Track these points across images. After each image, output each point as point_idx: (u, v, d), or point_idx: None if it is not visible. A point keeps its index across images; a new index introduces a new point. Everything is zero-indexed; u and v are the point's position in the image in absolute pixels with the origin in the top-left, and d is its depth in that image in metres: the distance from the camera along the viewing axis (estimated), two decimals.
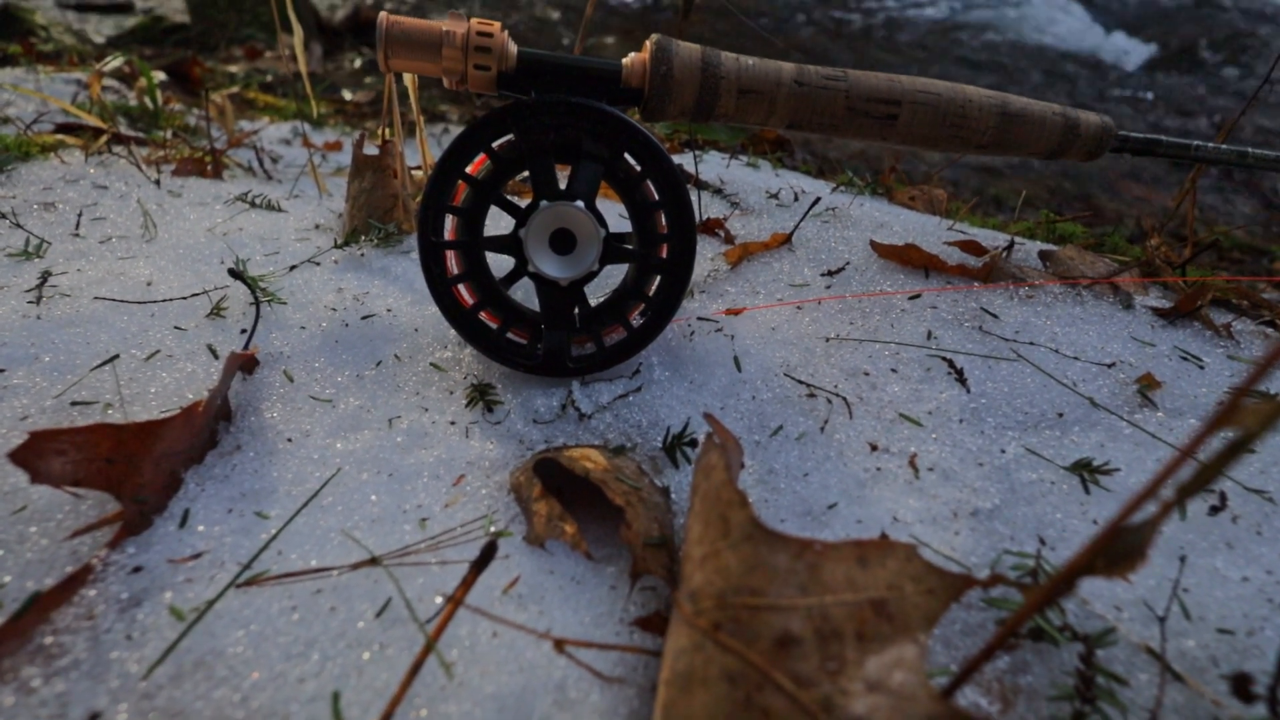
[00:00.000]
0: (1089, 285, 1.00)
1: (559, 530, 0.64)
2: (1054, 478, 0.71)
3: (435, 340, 0.92)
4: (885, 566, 0.49)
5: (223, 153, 1.64)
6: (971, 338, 0.90)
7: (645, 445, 0.77)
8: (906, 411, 0.78)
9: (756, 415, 0.80)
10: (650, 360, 0.87)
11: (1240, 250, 3.40)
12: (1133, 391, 0.83)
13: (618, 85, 0.82)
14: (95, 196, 1.30)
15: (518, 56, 0.80)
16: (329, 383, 0.85)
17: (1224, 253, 3.39)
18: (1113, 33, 6.54)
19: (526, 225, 0.79)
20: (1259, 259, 3.34)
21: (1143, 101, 5.37)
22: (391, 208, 1.19)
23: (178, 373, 0.83)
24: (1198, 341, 0.93)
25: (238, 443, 0.75)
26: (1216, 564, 0.62)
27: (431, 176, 0.80)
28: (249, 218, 1.28)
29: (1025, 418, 0.79)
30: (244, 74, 3.72)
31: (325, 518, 0.66)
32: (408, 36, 0.78)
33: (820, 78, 0.88)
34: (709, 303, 0.99)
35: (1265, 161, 1.04)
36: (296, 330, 0.92)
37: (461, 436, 0.77)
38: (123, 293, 0.97)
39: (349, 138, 2.62)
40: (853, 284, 1.01)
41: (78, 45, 3.42)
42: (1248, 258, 3.36)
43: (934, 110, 0.91)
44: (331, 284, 1.02)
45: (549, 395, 0.83)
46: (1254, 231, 3.71)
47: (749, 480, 0.71)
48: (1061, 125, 0.96)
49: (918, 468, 0.71)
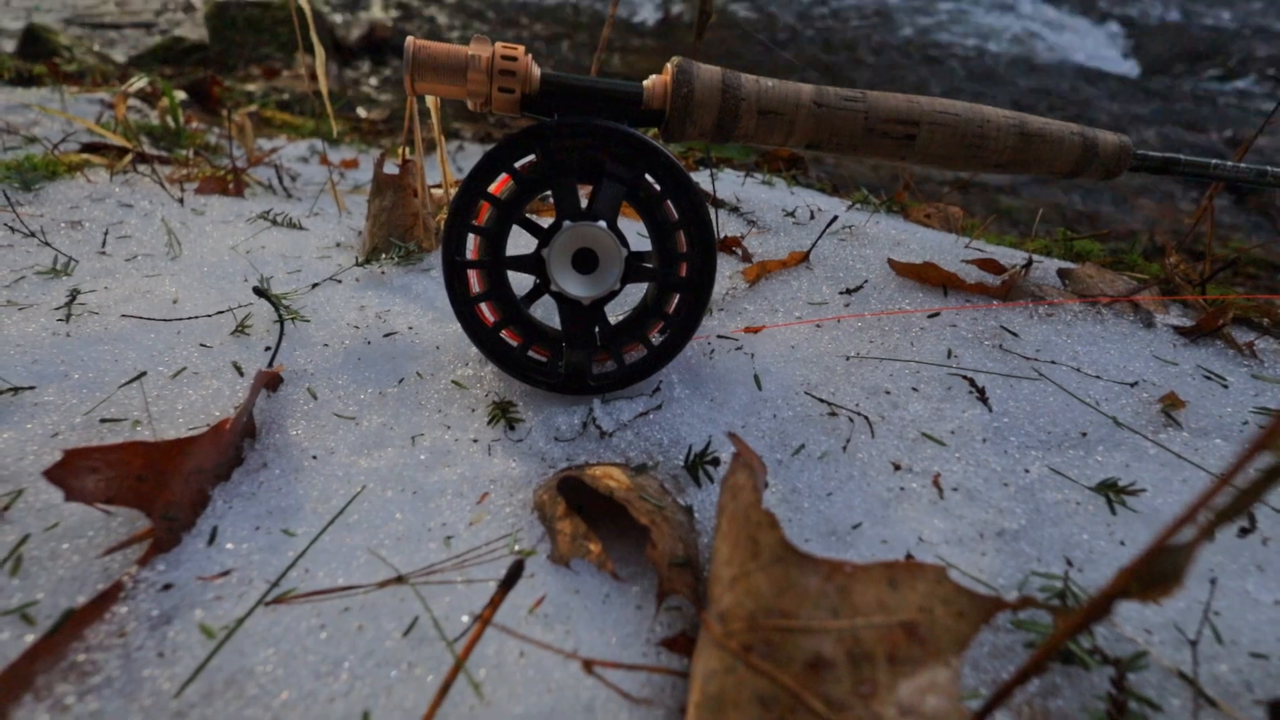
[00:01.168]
0: (1109, 303, 1.00)
1: (584, 549, 0.64)
2: (1079, 498, 0.71)
3: (456, 358, 0.93)
4: (915, 589, 0.49)
5: (244, 171, 1.67)
6: (992, 356, 0.90)
7: (667, 463, 0.77)
8: (929, 430, 0.78)
9: (778, 434, 0.80)
10: (670, 378, 0.88)
11: (1256, 266, 3.38)
12: (1156, 411, 0.82)
13: (639, 107, 0.83)
14: (121, 215, 1.32)
15: (541, 79, 0.82)
16: (352, 400, 0.85)
17: (1239, 268, 3.37)
18: (1121, 46, 6.56)
19: (549, 245, 0.80)
20: (1275, 274, 3.32)
21: (1151, 115, 5.37)
22: (412, 226, 1.21)
23: (204, 390, 0.84)
24: (1220, 360, 0.93)
25: (264, 460, 0.75)
26: (1248, 587, 0.62)
27: (456, 197, 0.81)
28: (271, 235, 1.30)
29: (1049, 437, 0.79)
30: (261, 93, 3.78)
31: (351, 535, 0.66)
32: (434, 61, 0.80)
33: (839, 99, 0.89)
34: (728, 320, 1.00)
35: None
36: (319, 348, 0.93)
37: (484, 454, 0.78)
38: (149, 310, 0.98)
39: (366, 155, 2.66)
40: (871, 302, 1.02)
41: (100, 65, 3.49)
42: (1264, 273, 3.34)
43: (952, 130, 0.91)
44: (353, 302, 1.03)
45: (570, 413, 0.83)
46: (1272, 248, 3.69)
47: (772, 499, 0.71)
48: (1080, 145, 0.97)
49: (942, 487, 0.71)
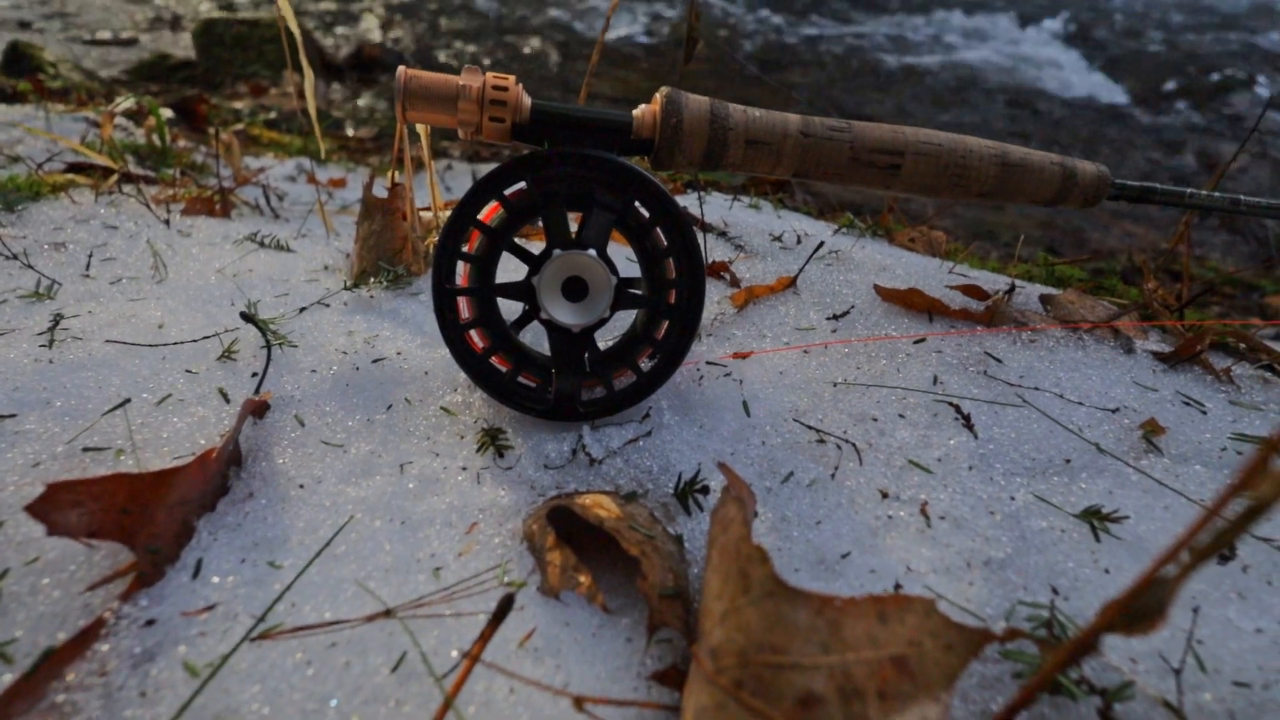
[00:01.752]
0: (1090, 329, 1.02)
1: (574, 581, 0.64)
2: (1064, 525, 0.72)
3: (445, 384, 0.93)
4: (905, 622, 0.49)
5: (231, 191, 1.66)
6: (977, 382, 0.91)
7: (656, 491, 0.77)
8: (915, 458, 0.79)
9: (767, 461, 0.80)
10: (660, 404, 0.88)
11: (1232, 285, 3.45)
12: (1137, 437, 0.83)
13: (629, 136, 0.84)
14: (105, 236, 1.31)
15: (531, 109, 0.82)
16: (340, 427, 0.85)
17: (1216, 288, 3.44)
18: (1098, 71, 6.71)
19: (539, 273, 0.80)
20: (1250, 294, 3.39)
21: (1130, 139, 5.49)
22: (400, 249, 1.21)
23: (189, 417, 0.83)
24: (1199, 386, 0.94)
25: (249, 490, 0.75)
26: (1229, 615, 0.63)
27: (446, 225, 0.81)
28: (258, 258, 1.29)
29: (1033, 464, 0.80)
30: (249, 110, 3.77)
31: (338, 567, 0.66)
32: (426, 90, 0.80)
33: (825, 129, 0.90)
34: (716, 346, 1.00)
35: (1257, 209, 1.07)
36: (307, 374, 0.93)
37: (473, 482, 0.77)
38: (134, 335, 0.98)
39: (354, 174, 2.66)
40: (857, 327, 1.03)
41: (85, 82, 3.48)
42: (1239, 293, 3.41)
43: (935, 160, 0.93)
44: (341, 326, 1.03)
45: (559, 440, 0.83)
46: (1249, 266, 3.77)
47: (762, 528, 0.72)
48: (1060, 174, 0.99)
49: (929, 516, 0.71)
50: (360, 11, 6.76)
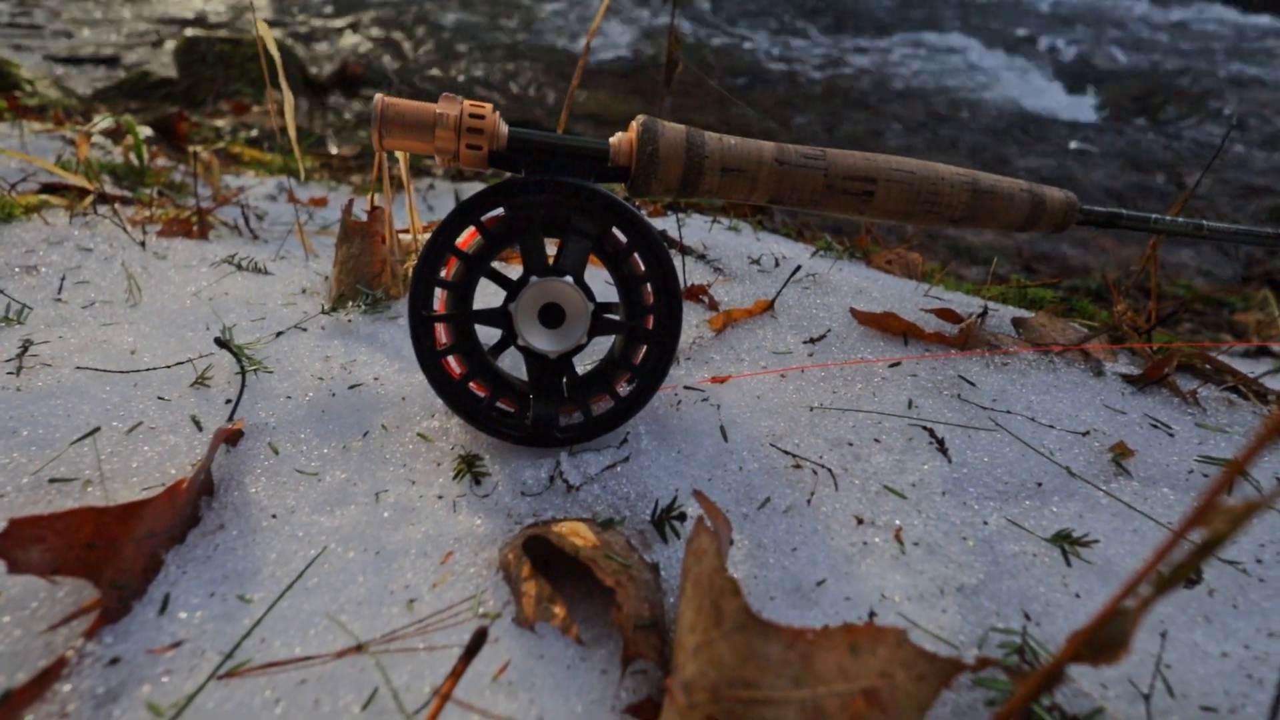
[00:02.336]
0: (1061, 352, 1.03)
1: (549, 613, 0.63)
2: (1036, 549, 0.73)
3: (422, 409, 0.92)
4: (877, 654, 0.50)
5: (209, 212, 1.65)
6: (951, 406, 0.92)
7: (634, 518, 0.77)
8: (890, 483, 0.79)
9: (744, 486, 0.80)
10: (638, 429, 0.88)
11: (1202, 302, 3.52)
12: (1107, 460, 0.85)
13: (605, 164, 0.85)
14: (79, 259, 1.29)
15: (509, 136, 0.83)
16: (314, 455, 0.84)
17: (1185, 304, 3.51)
18: (1069, 91, 6.87)
19: (516, 300, 0.81)
20: (1219, 310, 3.46)
21: (1100, 157, 5.62)
22: (379, 273, 1.21)
23: (160, 446, 0.82)
24: (1166, 409, 0.96)
25: (221, 520, 0.74)
26: (1196, 639, 0.63)
27: (423, 252, 0.81)
28: (235, 281, 1.28)
29: (1005, 487, 0.81)
30: (230, 128, 3.75)
31: (310, 600, 0.65)
32: (402, 118, 0.81)
33: (800, 157, 0.92)
34: (695, 370, 1.01)
35: (1219, 233, 1.10)
36: (282, 400, 0.92)
37: (449, 511, 0.77)
38: (105, 362, 0.96)
39: (335, 193, 2.65)
40: (834, 351, 1.04)
41: (63, 99, 3.45)
42: (1209, 309, 3.48)
43: (908, 187, 0.95)
44: (318, 351, 1.02)
45: (537, 466, 0.83)
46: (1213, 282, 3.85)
47: (738, 555, 0.72)
48: (1029, 201, 1.01)
49: (903, 541, 0.72)
50: (344, 29, 6.77)
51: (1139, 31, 9.77)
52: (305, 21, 6.85)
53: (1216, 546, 0.37)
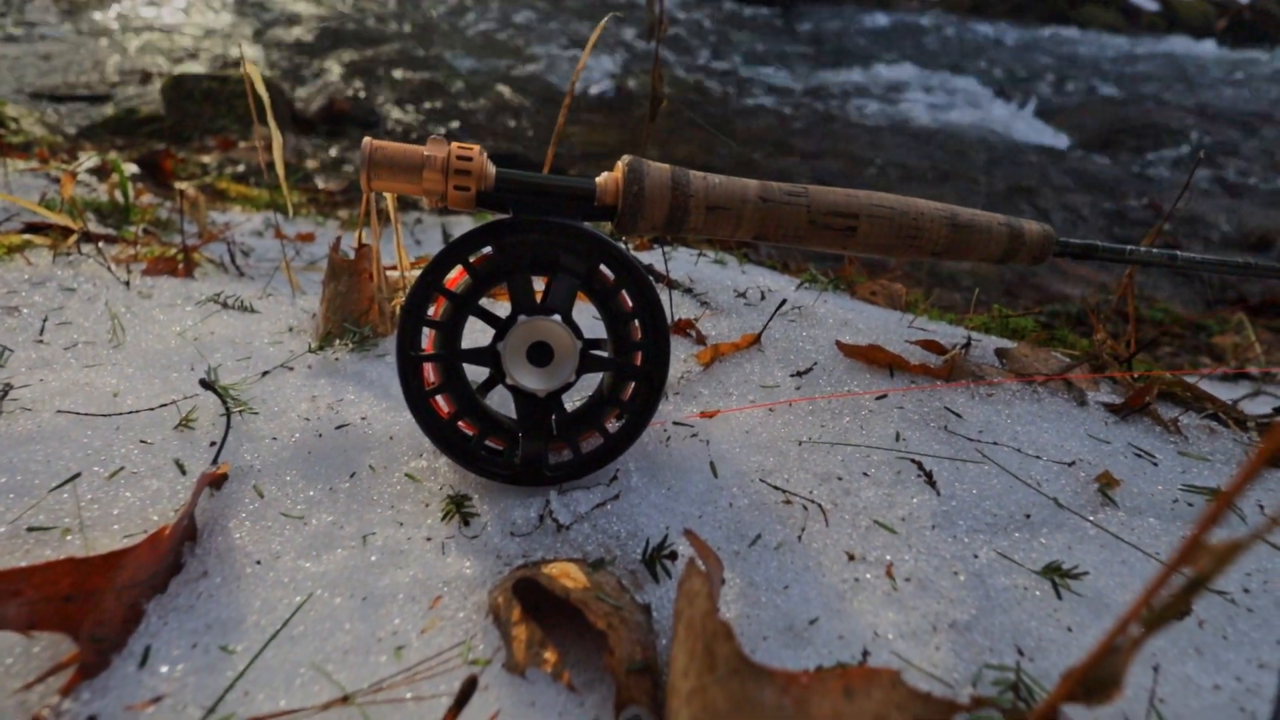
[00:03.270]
0: (1044, 382, 1.05)
1: (540, 658, 0.62)
2: (1027, 583, 0.73)
3: (410, 449, 0.92)
4: (871, 696, 0.49)
5: (195, 249, 1.65)
6: (938, 438, 0.93)
7: (624, 557, 0.76)
8: (880, 518, 0.79)
9: (734, 523, 0.80)
10: (627, 466, 0.88)
11: (1180, 326, 3.58)
12: (1094, 491, 0.86)
13: (592, 203, 0.86)
14: (62, 299, 1.28)
15: (496, 177, 0.84)
16: (300, 498, 0.83)
17: (1164, 328, 3.57)
18: (1042, 121, 7.05)
19: (504, 339, 0.81)
20: (1197, 334, 3.53)
21: (1074, 185, 5.75)
22: (367, 310, 1.21)
23: (142, 491, 0.81)
24: (1149, 437, 0.97)
25: (204, 567, 0.72)
26: (1188, 671, 0.64)
27: (411, 292, 0.82)
28: (220, 320, 1.27)
29: (994, 520, 0.81)
30: (217, 164, 3.77)
31: (295, 650, 0.64)
32: (390, 160, 0.81)
33: (783, 194, 0.93)
34: (683, 405, 1.01)
35: (1193, 264, 1.12)
36: (268, 442, 0.91)
37: (438, 553, 0.76)
38: (87, 405, 0.95)
39: (322, 228, 2.66)
40: (821, 383, 1.05)
41: (49, 137, 3.45)
42: (1187, 332, 3.54)
43: (889, 222, 0.96)
44: (305, 391, 1.02)
45: (526, 506, 0.82)
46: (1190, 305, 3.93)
47: (730, 594, 0.71)
48: (1007, 234, 1.03)
49: (895, 577, 0.72)
50: (331, 65, 6.85)
51: (1110, 62, 10.09)
52: (292, 58, 6.93)
53: (1203, 585, 0.38)
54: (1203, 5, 14.48)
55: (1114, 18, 13.66)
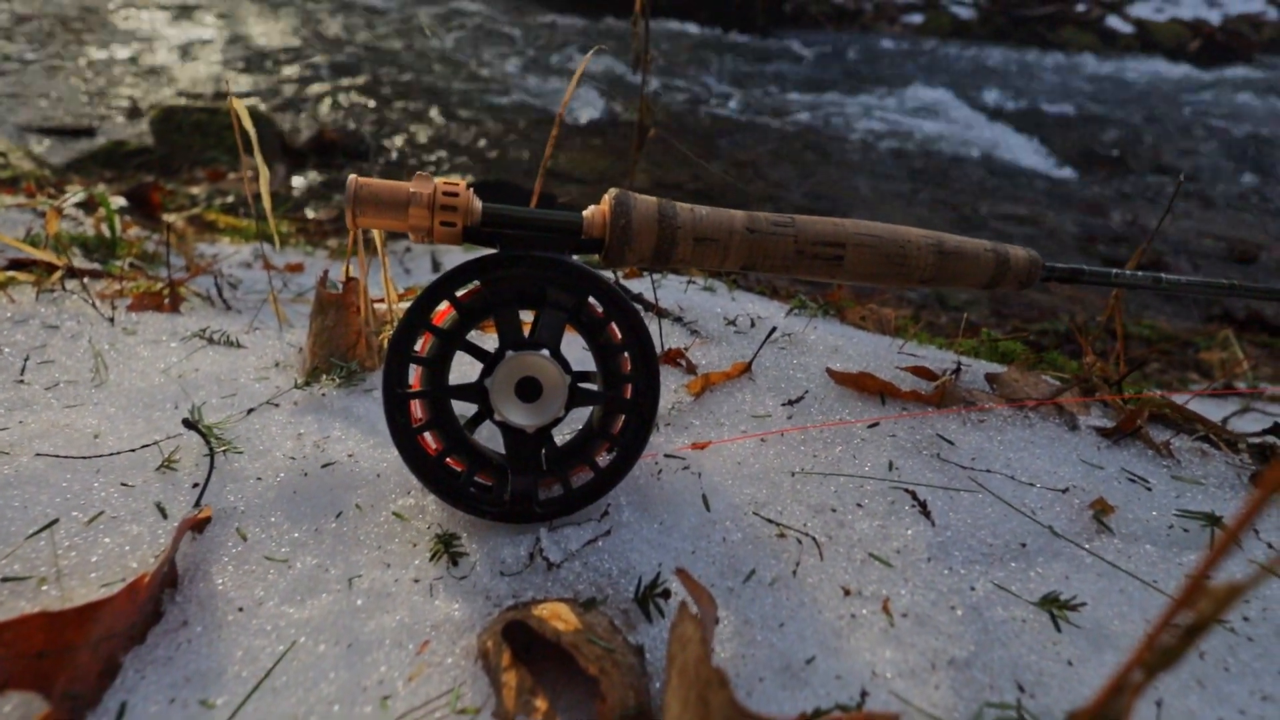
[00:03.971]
0: (1035, 407, 1.05)
1: (530, 706, 0.61)
2: (1025, 615, 0.72)
3: (398, 486, 0.90)
4: None
5: (181, 283, 1.64)
6: (931, 466, 0.92)
7: (616, 596, 0.75)
8: (875, 551, 0.78)
9: (728, 558, 0.79)
10: (619, 501, 0.87)
11: (1167, 342, 3.61)
12: (1088, 518, 0.85)
13: (579, 236, 0.86)
14: (44, 338, 1.27)
15: (482, 212, 0.84)
16: (285, 540, 0.81)
17: (1154, 347, 3.60)
18: (1023, 140, 7.16)
19: (492, 375, 0.80)
20: (1185, 349, 3.55)
21: (1057, 203, 5.83)
22: (354, 344, 1.20)
23: (121, 537, 0.79)
24: (1142, 461, 0.97)
25: (184, 616, 0.70)
26: (1191, 705, 0.62)
27: (397, 329, 0.81)
28: (206, 356, 1.26)
29: (990, 550, 0.80)
30: (206, 195, 3.77)
31: (278, 702, 0.62)
32: (376, 197, 0.81)
33: (770, 225, 0.93)
34: (674, 436, 1.00)
35: (1177, 286, 1.13)
36: (252, 482, 0.89)
37: (425, 596, 0.74)
38: (67, 447, 0.93)
39: (310, 258, 2.65)
40: (813, 412, 1.04)
41: (36, 171, 3.44)
42: (1174, 349, 3.57)
43: (876, 250, 0.97)
44: (291, 429, 1.00)
45: (516, 544, 0.81)
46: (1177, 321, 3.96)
47: (725, 632, 0.70)
48: (994, 260, 1.03)
49: (892, 613, 0.71)
50: (321, 95, 6.90)
51: (1088, 83, 10.29)
52: (282, 88, 6.98)
53: (1204, 630, 0.37)
54: (1176, 27, 14.86)
55: (1091, 40, 13.99)
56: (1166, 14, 15.76)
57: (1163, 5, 16.48)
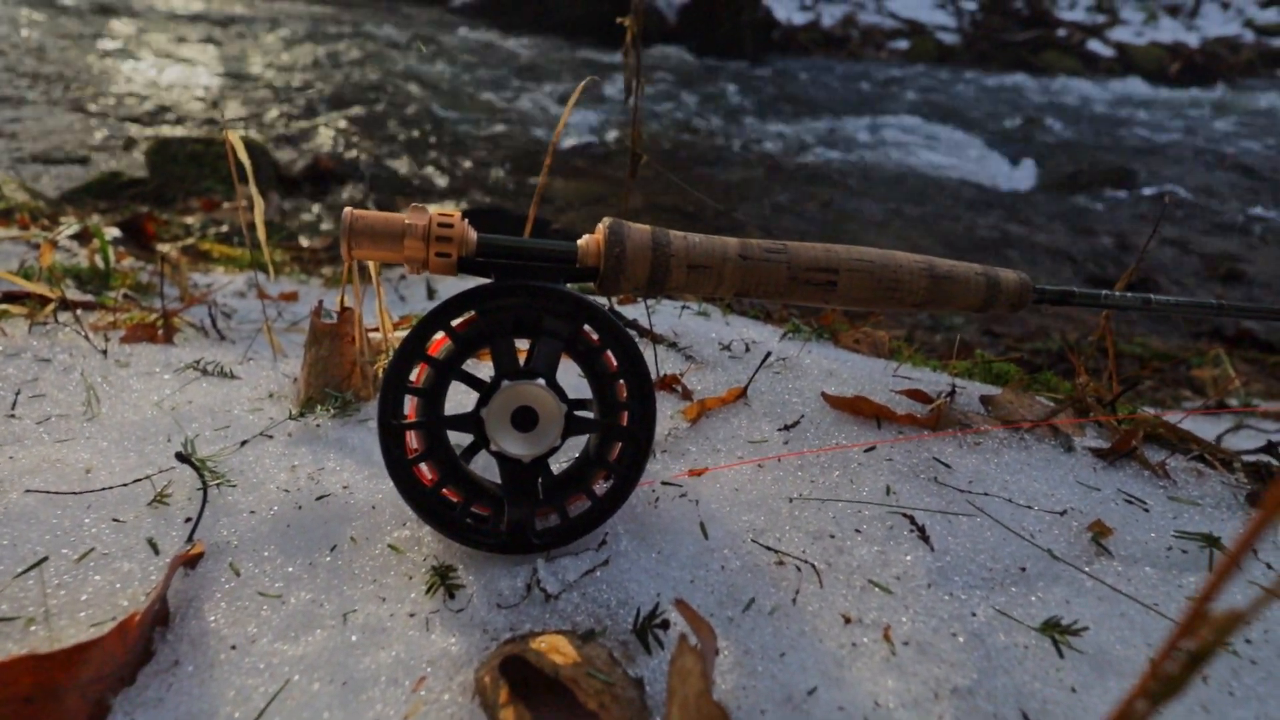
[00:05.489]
0: (1030, 428, 1.05)
1: None
2: (1027, 641, 0.71)
3: (393, 518, 0.89)
4: None
5: (175, 314, 1.63)
6: (929, 490, 0.92)
7: (615, 628, 0.74)
8: (875, 577, 0.78)
9: (727, 587, 0.78)
10: (616, 530, 0.86)
11: (1159, 359, 3.63)
12: (1087, 540, 0.85)
13: (574, 265, 0.87)
14: (36, 371, 1.26)
15: (477, 242, 0.84)
16: (279, 574, 0.80)
17: (1145, 362, 3.62)
18: (1010, 163, 7.27)
19: (488, 405, 0.80)
20: (1177, 366, 3.57)
21: (1044, 224, 5.90)
22: (349, 374, 1.19)
23: (112, 574, 0.78)
24: (1138, 482, 0.97)
25: (175, 655, 0.69)
26: None
27: (393, 360, 0.81)
28: (199, 387, 1.25)
29: (990, 574, 0.80)
30: (200, 224, 3.78)
31: None
32: (371, 229, 0.82)
33: (762, 251, 0.94)
34: (671, 463, 1.00)
35: (1166, 307, 1.14)
36: (245, 515, 0.88)
37: (421, 630, 0.73)
38: (58, 482, 0.92)
39: (305, 286, 2.65)
40: (809, 436, 1.04)
41: (31, 202, 3.45)
42: (1167, 366, 3.59)
43: (869, 276, 0.97)
44: (285, 461, 1.00)
45: (513, 575, 0.80)
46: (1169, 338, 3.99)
47: (725, 664, 0.69)
48: (985, 284, 1.04)
49: (893, 641, 0.70)
50: (316, 123, 6.96)
51: (1072, 105, 10.48)
52: (277, 117, 7.04)
53: (1207, 658, 0.37)
54: (1156, 50, 15.19)
55: (1073, 63, 14.29)
56: (1146, 37, 16.14)
57: (1142, 29, 16.87)
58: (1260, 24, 17.05)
